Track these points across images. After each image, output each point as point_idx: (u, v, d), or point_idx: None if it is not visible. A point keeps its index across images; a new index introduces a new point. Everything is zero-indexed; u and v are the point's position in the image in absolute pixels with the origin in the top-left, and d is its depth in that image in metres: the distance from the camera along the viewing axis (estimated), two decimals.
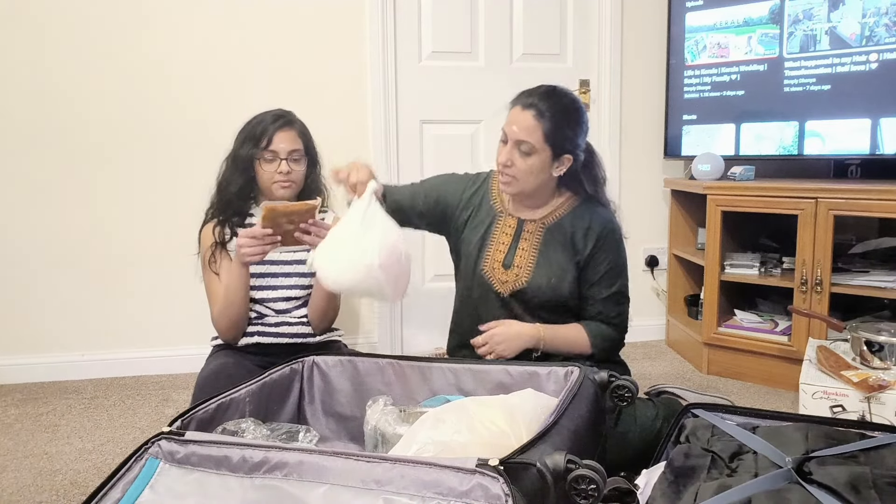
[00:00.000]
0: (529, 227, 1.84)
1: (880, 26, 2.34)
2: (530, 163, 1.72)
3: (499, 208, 1.88)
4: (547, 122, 1.69)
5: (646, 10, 2.92)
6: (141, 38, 2.54)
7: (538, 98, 1.71)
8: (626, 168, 2.98)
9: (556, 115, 1.70)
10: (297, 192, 1.95)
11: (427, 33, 2.78)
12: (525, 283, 1.81)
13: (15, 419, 2.21)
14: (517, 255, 1.83)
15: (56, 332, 2.60)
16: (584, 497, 0.99)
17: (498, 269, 1.84)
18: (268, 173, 1.89)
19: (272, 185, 1.90)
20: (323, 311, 1.95)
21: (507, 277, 1.82)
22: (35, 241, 2.56)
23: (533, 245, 1.83)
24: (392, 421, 1.40)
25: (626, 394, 1.43)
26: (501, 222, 1.87)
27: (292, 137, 1.92)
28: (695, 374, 2.59)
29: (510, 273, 1.82)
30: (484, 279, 1.85)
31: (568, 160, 1.76)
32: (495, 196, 1.90)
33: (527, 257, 1.82)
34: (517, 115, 1.71)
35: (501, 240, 1.85)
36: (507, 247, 1.84)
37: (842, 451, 1.30)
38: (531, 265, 1.81)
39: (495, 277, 1.84)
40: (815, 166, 2.75)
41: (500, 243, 1.85)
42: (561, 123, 1.71)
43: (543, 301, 1.81)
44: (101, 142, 2.56)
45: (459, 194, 1.92)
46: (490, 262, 1.85)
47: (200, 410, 1.29)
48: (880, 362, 1.85)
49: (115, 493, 1.09)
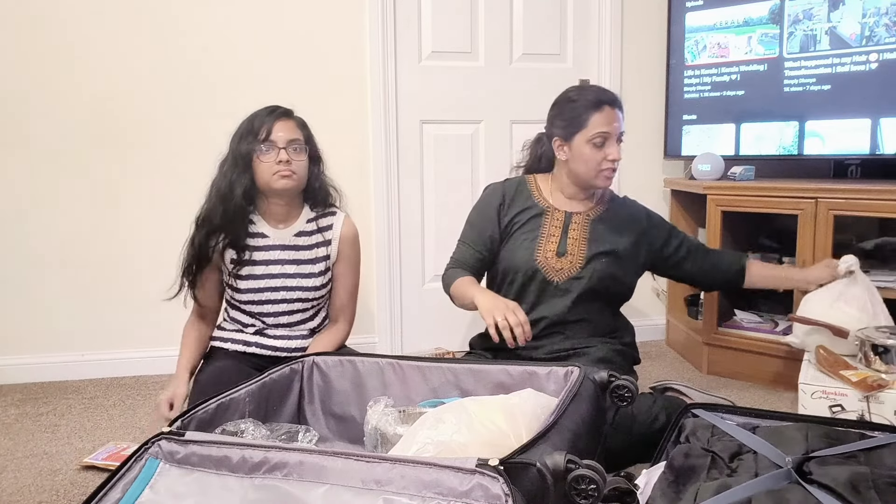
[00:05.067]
0: (577, 219, 1.96)
1: (880, 26, 2.34)
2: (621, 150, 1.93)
3: (545, 205, 1.99)
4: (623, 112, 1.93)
5: (646, 10, 2.92)
6: (141, 39, 2.54)
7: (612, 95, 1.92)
8: (626, 168, 2.98)
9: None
10: (299, 185, 1.86)
11: (427, 33, 2.78)
12: (580, 269, 1.91)
13: (15, 419, 2.21)
14: (569, 243, 1.93)
15: (56, 332, 2.60)
16: (584, 497, 0.99)
17: (552, 258, 1.92)
18: (266, 164, 1.80)
19: (272, 177, 1.80)
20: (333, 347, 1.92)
21: (562, 265, 1.91)
22: (35, 241, 2.56)
23: (582, 234, 1.94)
24: (392, 421, 1.40)
25: (626, 394, 1.43)
26: (549, 216, 1.97)
27: (291, 127, 1.84)
28: (695, 374, 2.59)
29: (564, 261, 1.92)
30: (538, 270, 1.92)
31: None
32: (537, 196, 2.01)
33: (578, 245, 1.93)
34: (612, 113, 1.88)
35: (552, 232, 1.95)
36: (557, 239, 1.94)
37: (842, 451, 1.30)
38: (584, 252, 1.92)
39: (549, 267, 1.91)
40: (815, 166, 2.75)
41: (552, 235, 1.95)
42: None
43: (596, 291, 1.91)
44: (101, 142, 2.56)
45: (497, 216, 2.00)
46: (542, 252, 1.93)
47: (200, 411, 1.29)
48: (884, 365, 1.85)
49: (115, 493, 1.09)
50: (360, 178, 2.74)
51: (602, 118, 1.87)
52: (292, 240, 1.91)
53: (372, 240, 2.77)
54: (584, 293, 1.90)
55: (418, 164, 2.82)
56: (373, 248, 2.77)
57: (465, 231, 2.03)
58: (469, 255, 1.99)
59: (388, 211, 2.77)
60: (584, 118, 1.87)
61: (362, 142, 2.74)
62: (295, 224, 1.93)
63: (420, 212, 2.83)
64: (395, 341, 2.86)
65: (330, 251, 1.95)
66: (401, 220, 2.81)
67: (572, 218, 1.96)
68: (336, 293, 1.99)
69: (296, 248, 1.91)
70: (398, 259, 2.82)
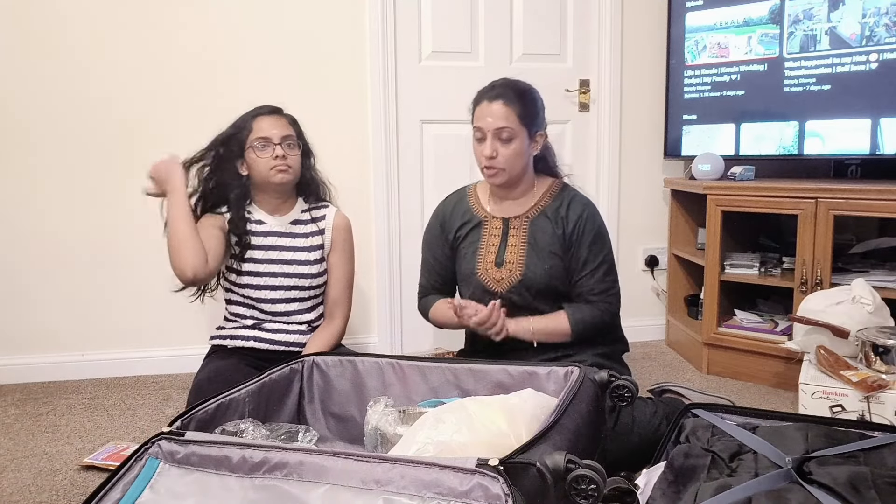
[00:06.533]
0: (515, 224, 1.91)
1: (880, 26, 2.34)
2: (512, 147, 1.81)
3: (482, 215, 1.95)
4: (516, 105, 1.79)
5: (646, 10, 2.92)
6: (141, 40, 2.54)
7: (500, 89, 1.81)
8: (626, 168, 2.98)
9: (521, 97, 1.81)
10: (295, 179, 1.95)
11: (427, 33, 2.77)
12: (519, 277, 1.87)
13: (15, 419, 2.21)
14: (507, 251, 1.89)
15: (56, 332, 2.60)
16: (584, 497, 0.99)
17: (491, 269, 1.90)
18: (263, 160, 1.88)
19: (269, 172, 1.88)
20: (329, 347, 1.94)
21: (502, 275, 1.88)
22: (35, 241, 2.56)
23: (521, 240, 1.89)
24: (392, 421, 1.40)
25: (626, 394, 1.43)
26: (488, 225, 1.94)
27: (283, 124, 1.92)
28: (695, 374, 2.59)
29: (503, 270, 1.88)
30: (479, 282, 1.91)
31: (541, 136, 1.88)
32: (476, 205, 1.97)
33: (517, 252, 1.88)
34: (487, 108, 1.80)
35: (491, 241, 1.92)
36: (496, 247, 1.90)
37: (842, 451, 1.30)
38: (522, 259, 1.87)
39: (489, 277, 1.90)
40: (815, 166, 2.75)
41: (491, 245, 1.92)
42: (527, 104, 1.82)
43: (539, 290, 1.87)
44: (100, 142, 2.56)
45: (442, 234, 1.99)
46: (483, 264, 1.91)
47: (200, 410, 1.29)
48: (884, 365, 1.85)
49: (115, 493, 1.09)
50: (360, 178, 2.74)
51: (479, 112, 1.82)
52: (288, 227, 1.98)
53: (372, 240, 2.77)
54: (530, 298, 1.88)
55: (418, 164, 2.82)
56: (373, 248, 2.77)
57: (423, 257, 2.05)
58: (433, 279, 2.02)
59: (388, 211, 2.77)
60: (471, 110, 1.87)
61: (362, 142, 2.74)
62: (290, 213, 2.00)
63: (420, 212, 2.82)
64: (395, 341, 2.86)
65: (324, 240, 2.01)
66: (401, 220, 2.81)
67: (510, 223, 1.91)
68: (331, 285, 2.02)
69: (292, 236, 1.97)
70: (398, 259, 2.82)
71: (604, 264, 1.88)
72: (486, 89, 1.84)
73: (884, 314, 2.01)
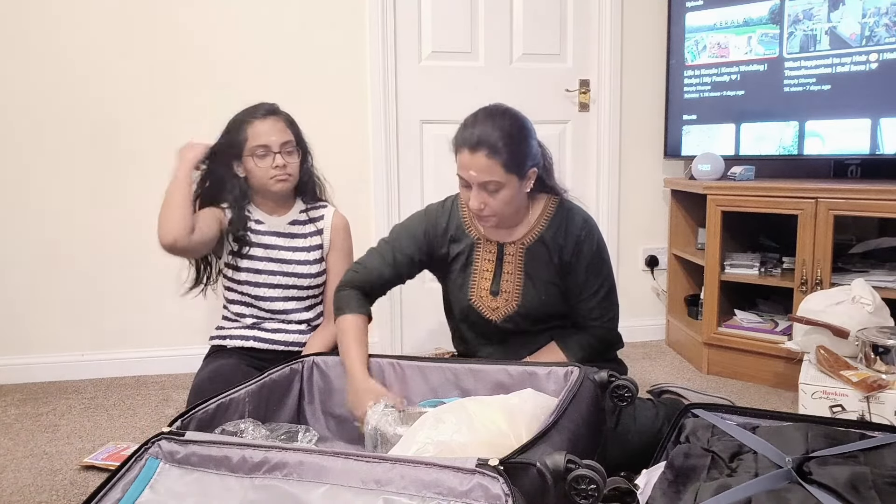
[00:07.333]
0: (510, 250, 1.79)
1: (880, 26, 2.34)
2: (502, 197, 1.65)
3: (476, 236, 1.82)
4: (501, 154, 1.61)
5: (646, 10, 2.92)
6: (141, 40, 2.54)
7: (480, 134, 1.62)
8: (626, 168, 2.98)
9: (506, 142, 1.62)
10: (294, 184, 1.94)
11: (427, 33, 2.77)
12: (515, 308, 1.79)
13: (15, 419, 2.21)
14: (503, 279, 1.80)
15: (56, 332, 2.60)
16: (584, 497, 0.99)
17: (486, 297, 1.81)
18: (262, 169, 1.87)
19: (269, 181, 1.87)
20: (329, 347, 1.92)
21: (498, 304, 1.81)
22: (35, 241, 2.56)
23: (517, 268, 1.79)
24: (392, 421, 1.40)
25: (626, 394, 1.43)
26: (481, 249, 1.82)
27: (281, 128, 1.89)
28: (695, 374, 2.59)
29: (499, 300, 1.80)
30: (474, 309, 1.83)
31: (533, 173, 1.71)
32: (469, 223, 1.84)
33: (513, 281, 1.79)
34: (469, 159, 1.63)
35: (485, 267, 1.82)
36: (491, 274, 1.81)
37: (842, 451, 1.30)
38: (518, 289, 1.79)
39: (485, 306, 1.82)
40: (815, 166, 2.75)
41: (485, 271, 1.82)
42: (514, 148, 1.63)
43: (537, 318, 1.81)
44: (101, 142, 2.56)
45: (426, 238, 1.84)
46: (477, 291, 1.82)
47: (200, 411, 1.29)
48: (884, 365, 1.85)
49: (115, 493, 1.09)
50: (360, 177, 2.74)
51: (461, 160, 1.67)
52: (287, 228, 1.97)
53: (372, 240, 2.75)
54: (527, 326, 1.81)
55: (418, 164, 2.82)
56: None
57: (382, 244, 1.87)
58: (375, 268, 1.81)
59: (388, 211, 2.77)
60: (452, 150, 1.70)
61: (362, 142, 2.74)
62: (288, 214, 1.99)
63: None
64: (395, 341, 2.86)
65: (323, 240, 2.00)
66: (401, 220, 2.79)
67: (505, 249, 1.79)
68: (329, 286, 2.02)
69: (291, 236, 1.97)
70: None
71: (602, 287, 1.79)
72: (467, 133, 1.65)
73: (884, 314, 2.01)
